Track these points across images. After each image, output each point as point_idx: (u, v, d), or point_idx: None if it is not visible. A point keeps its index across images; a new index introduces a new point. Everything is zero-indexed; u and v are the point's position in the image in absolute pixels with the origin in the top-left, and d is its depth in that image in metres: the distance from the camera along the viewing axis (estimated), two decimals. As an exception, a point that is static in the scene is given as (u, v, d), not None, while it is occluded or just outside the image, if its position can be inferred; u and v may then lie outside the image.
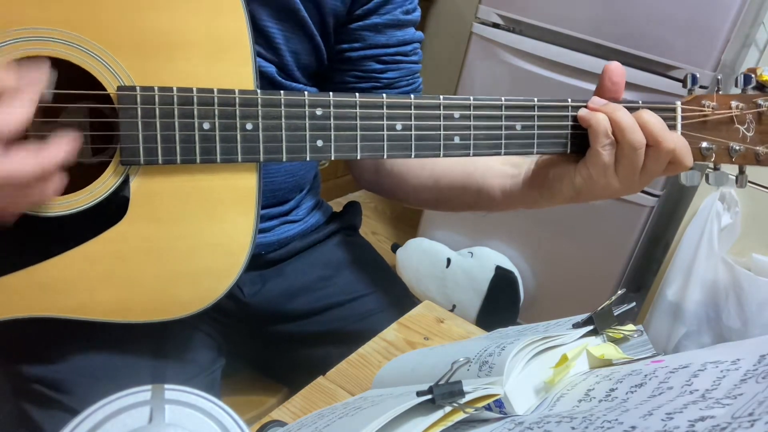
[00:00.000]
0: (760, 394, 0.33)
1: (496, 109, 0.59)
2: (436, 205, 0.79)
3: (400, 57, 0.74)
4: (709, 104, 0.62)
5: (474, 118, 0.59)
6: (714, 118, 0.62)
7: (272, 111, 0.55)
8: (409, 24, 0.73)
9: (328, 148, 0.57)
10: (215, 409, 0.34)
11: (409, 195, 0.79)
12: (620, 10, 1.43)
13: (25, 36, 0.49)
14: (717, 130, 0.62)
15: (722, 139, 0.62)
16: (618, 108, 0.58)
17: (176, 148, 0.53)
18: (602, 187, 0.60)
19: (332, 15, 0.67)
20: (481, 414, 0.44)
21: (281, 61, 0.67)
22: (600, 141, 0.58)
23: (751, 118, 0.62)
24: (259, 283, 0.78)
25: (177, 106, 0.52)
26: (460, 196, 0.74)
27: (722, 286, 1.42)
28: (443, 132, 0.59)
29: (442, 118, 0.59)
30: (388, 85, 0.74)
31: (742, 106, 0.62)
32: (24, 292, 0.53)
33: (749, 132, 0.62)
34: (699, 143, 0.62)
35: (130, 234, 0.54)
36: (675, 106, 0.63)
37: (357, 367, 0.65)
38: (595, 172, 0.59)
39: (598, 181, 0.60)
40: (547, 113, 0.60)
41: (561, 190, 0.63)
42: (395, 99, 0.57)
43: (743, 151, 0.62)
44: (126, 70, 0.52)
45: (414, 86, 0.77)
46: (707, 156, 0.63)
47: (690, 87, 0.64)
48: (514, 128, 0.60)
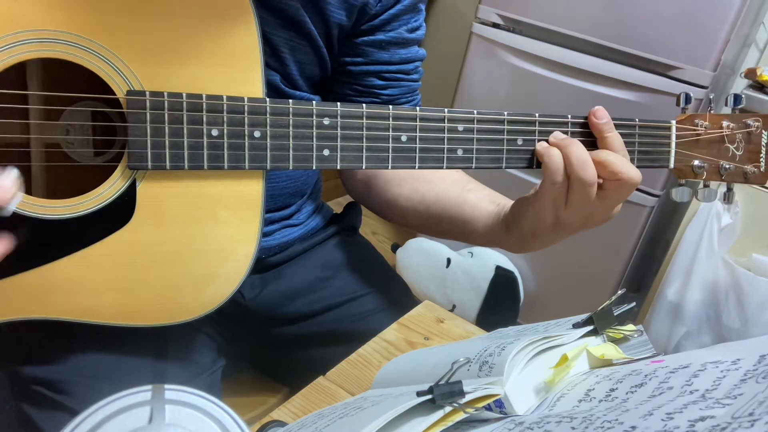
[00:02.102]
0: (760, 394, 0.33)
1: (498, 123, 0.60)
2: (421, 228, 0.78)
3: (402, 75, 0.74)
4: (702, 123, 0.64)
5: (477, 132, 0.60)
6: (706, 137, 0.64)
7: (280, 119, 0.55)
8: (413, 42, 0.73)
9: (334, 157, 0.57)
10: (215, 409, 0.34)
11: (396, 216, 0.79)
12: (620, 10, 1.43)
13: (34, 38, 0.49)
14: (709, 148, 0.65)
15: (713, 157, 0.65)
16: (572, 143, 0.58)
17: (184, 154, 0.53)
18: (552, 220, 0.60)
19: (337, 27, 0.67)
20: (481, 414, 0.44)
21: (286, 70, 0.67)
22: (550, 177, 0.58)
23: (740, 137, 0.64)
24: (259, 286, 0.78)
25: (186, 112, 0.52)
26: (447, 225, 0.73)
27: (722, 286, 1.42)
28: (447, 145, 0.60)
29: (446, 131, 0.59)
30: (387, 102, 0.74)
31: (733, 126, 0.64)
32: (28, 294, 0.53)
33: (738, 151, 0.64)
34: (692, 161, 0.65)
35: (136, 238, 0.54)
36: (670, 125, 0.64)
37: (357, 367, 0.65)
38: (545, 204, 0.60)
39: (548, 214, 0.60)
40: (547, 129, 0.61)
41: (522, 226, 0.64)
42: (401, 111, 0.58)
43: (733, 170, 0.65)
44: (135, 75, 0.52)
45: (413, 103, 0.77)
46: (699, 174, 0.65)
47: (683, 106, 0.66)
48: (516, 142, 0.61)
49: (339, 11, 0.66)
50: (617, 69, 1.45)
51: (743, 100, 0.65)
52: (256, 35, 0.55)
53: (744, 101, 0.65)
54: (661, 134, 0.64)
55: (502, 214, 0.68)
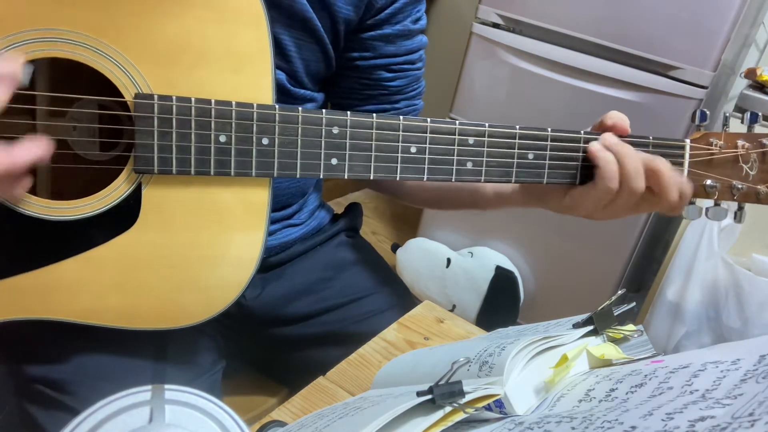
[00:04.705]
0: (760, 394, 0.33)
1: (509, 138, 0.60)
2: (432, 204, 0.81)
3: (408, 65, 0.74)
4: (716, 142, 0.63)
5: (488, 145, 0.60)
6: (720, 156, 0.63)
7: (289, 127, 0.55)
8: (417, 32, 0.74)
9: (342, 167, 0.57)
10: (215, 409, 0.34)
11: (407, 194, 0.80)
12: (620, 10, 1.43)
13: (41, 37, 0.48)
14: (722, 168, 0.64)
15: (726, 177, 0.64)
16: (628, 154, 0.59)
17: (191, 159, 0.53)
18: (587, 212, 0.63)
19: (344, 23, 0.67)
20: (481, 414, 0.44)
21: (291, 68, 0.67)
22: (605, 181, 0.59)
23: (755, 157, 0.63)
24: (260, 286, 0.78)
25: (194, 117, 0.52)
26: (456, 195, 0.75)
27: (722, 286, 1.42)
28: (456, 157, 0.59)
29: (457, 143, 0.59)
30: (395, 92, 0.75)
31: (748, 146, 0.63)
32: (31, 295, 0.53)
33: (752, 171, 0.63)
34: (704, 180, 0.64)
35: (140, 241, 0.54)
36: (684, 144, 0.63)
37: (357, 367, 0.65)
38: (588, 202, 0.61)
39: (586, 208, 0.62)
40: (559, 144, 0.61)
41: (547, 201, 0.65)
42: (412, 122, 0.58)
43: (745, 190, 0.64)
44: (144, 77, 0.51)
45: (418, 90, 0.78)
46: (711, 193, 0.64)
47: (698, 123, 0.64)
48: (526, 157, 0.61)
49: (347, 7, 0.66)
50: (617, 69, 1.45)
51: (760, 118, 0.63)
52: (267, 41, 0.54)
53: (760, 119, 0.63)
54: (675, 153, 0.63)
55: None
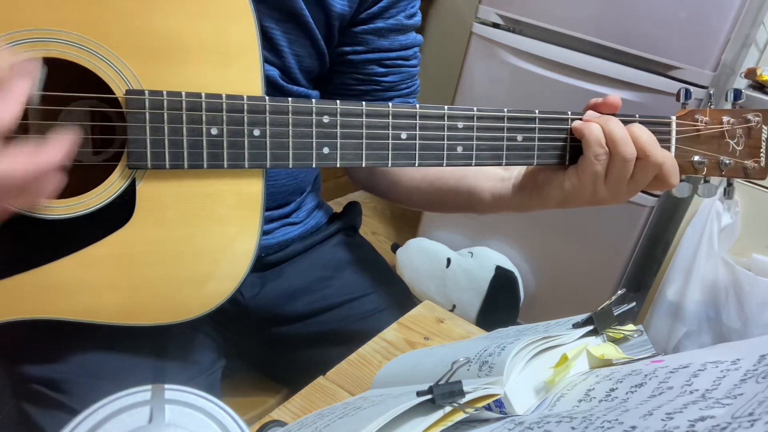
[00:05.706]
0: (760, 394, 0.33)
1: (498, 120, 0.60)
2: (427, 206, 0.80)
3: (401, 61, 0.74)
4: (702, 119, 0.64)
5: (477, 129, 0.60)
6: (706, 132, 0.64)
7: (279, 118, 0.55)
8: (410, 28, 0.74)
9: (334, 155, 0.57)
10: (215, 409, 0.34)
11: (402, 196, 0.80)
12: (620, 10, 1.43)
13: (33, 37, 0.49)
14: (709, 144, 0.65)
15: (713, 153, 0.65)
16: (610, 119, 0.59)
17: (184, 153, 0.53)
18: (590, 194, 0.62)
19: (339, 18, 0.67)
20: (481, 414, 0.44)
21: (284, 65, 0.67)
22: (593, 150, 0.59)
23: (741, 132, 0.64)
24: (259, 285, 0.78)
25: (185, 111, 0.52)
26: (452, 199, 0.74)
27: (722, 286, 1.42)
28: (447, 142, 0.60)
29: (446, 128, 0.59)
30: (388, 89, 0.75)
31: (733, 121, 0.64)
32: (29, 294, 0.53)
33: (739, 146, 0.64)
34: (692, 156, 0.65)
35: (136, 237, 0.54)
36: (670, 121, 0.65)
37: (357, 367, 0.65)
38: (586, 179, 0.61)
39: (587, 188, 0.61)
40: (547, 125, 0.61)
41: (549, 194, 0.64)
42: (401, 108, 0.58)
43: (733, 165, 0.65)
44: (134, 74, 0.52)
45: (412, 89, 0.78)
46: (699, 169, 0.65)
47: (684, 101, 0.66)
48: (516, 139, 0.61)
49: (341, 1, 0.66)
50: (617, 69, 1.45)
51: (743, 95, 0.65)
52: (254, 33, 0.55)
53: (744, 96, 0.65)
54: (661, 130, 0.64)
55: (513, 178, 0.69)
